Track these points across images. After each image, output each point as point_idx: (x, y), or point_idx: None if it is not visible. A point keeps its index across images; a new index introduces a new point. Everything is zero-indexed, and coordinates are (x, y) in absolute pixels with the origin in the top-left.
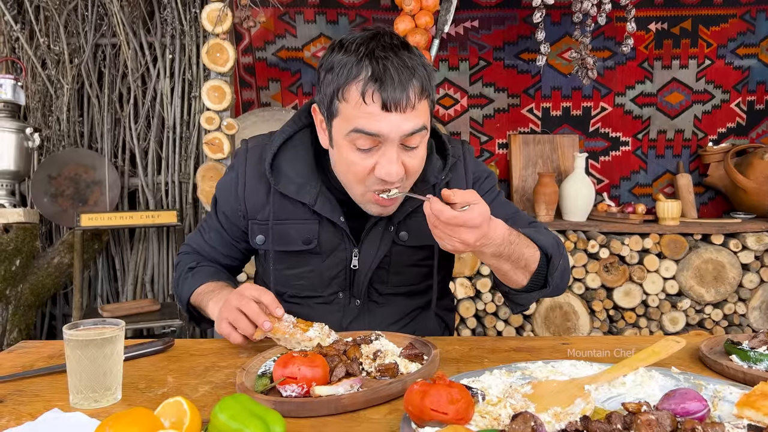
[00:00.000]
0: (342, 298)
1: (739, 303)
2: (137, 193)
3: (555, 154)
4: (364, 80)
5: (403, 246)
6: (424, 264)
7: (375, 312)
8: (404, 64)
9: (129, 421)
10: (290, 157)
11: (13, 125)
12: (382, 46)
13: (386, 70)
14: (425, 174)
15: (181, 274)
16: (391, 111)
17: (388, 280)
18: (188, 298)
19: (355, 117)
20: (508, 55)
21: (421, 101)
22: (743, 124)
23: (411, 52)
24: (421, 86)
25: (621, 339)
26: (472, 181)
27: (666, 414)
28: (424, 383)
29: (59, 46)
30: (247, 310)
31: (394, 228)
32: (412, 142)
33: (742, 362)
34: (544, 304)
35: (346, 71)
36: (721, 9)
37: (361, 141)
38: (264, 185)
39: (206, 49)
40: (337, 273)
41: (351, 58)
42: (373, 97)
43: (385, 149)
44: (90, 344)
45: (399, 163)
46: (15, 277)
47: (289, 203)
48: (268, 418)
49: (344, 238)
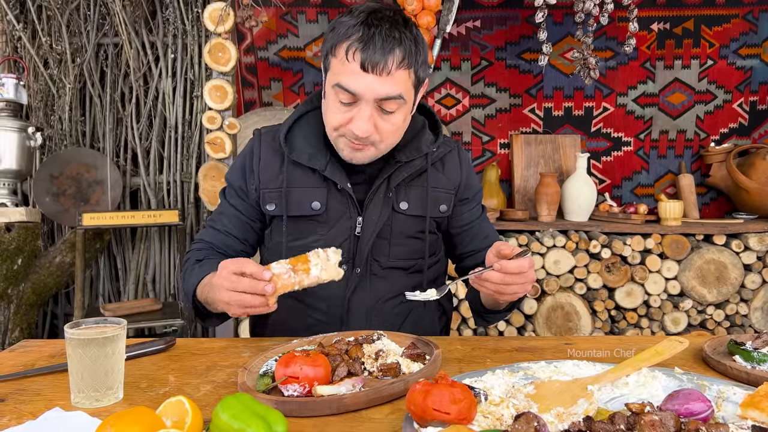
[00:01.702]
0: (345, 271)
1: (741, 304)
2: (139, 192)
3: (557, 154)
4: (352, 40)
5: (403, 215)
6: (422, 237)
7: (375, 284)
8: (392, 34)
9: (130, 421)
10: (303, 132)
11: (15, 124)
12: (380, 16)
13: (373, 35)
14: (419, 144)
15: (188, 268)
16: (368, 72)
17: (389, 252)
18: (193, 290)
19: (339, 72)
20: (510, 55)
21: (400, 70)
22: (745, 124)
23: (407, 28)
24: (403, 56)
25: (623, 339)
26: (466, 181)
27: (669, 414)
28: (426, 383)
29: (61, 46)
30: (241, 286)
31: (392, 193)
32: (387, 106)
33: (745, 363)
34: (546, 304)
35: (342, 31)
36: (723, 9)
37: (341, 95)
38: (278, 158)
39: (208, 48)
40: (342, 242)
41: (351, 21)
42: (354, 56)
43: (361, 106)
44: (91, 343)
45: (371, 122)
46: (17, 276)
47: (301, 171)
48: (270, 418)
49: (350, 205)
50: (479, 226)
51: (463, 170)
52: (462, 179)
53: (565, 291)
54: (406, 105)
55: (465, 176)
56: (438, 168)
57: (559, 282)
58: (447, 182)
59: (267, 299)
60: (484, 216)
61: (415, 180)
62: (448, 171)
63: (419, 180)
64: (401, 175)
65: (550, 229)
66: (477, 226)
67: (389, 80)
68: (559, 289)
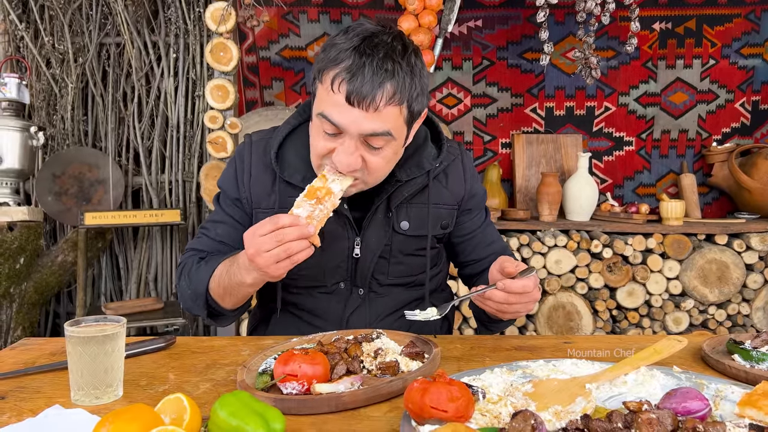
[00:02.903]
0: (344, 288)
1: (742, 303)
2: (141, 191)
3: (558, 154)
4: (340, 69)
5: (404, 235)
6: (422, 254)
7: (375, 302)
8: (384, 65)
9: (129, 418)
10: (295, 147)
11: (17, 124)
12: (376, 42)
13: (363, 65)
14: (420, 161)
15: (191, 270)
16: (354, 106)
17: (388, 270)
18: (206, 285)
19: (324, 101)
20: (512, 54)
21: (389, 106)
22: (747, 124)
23: (404, 57)
24: (394, 91)
25: (623, 338)
26: (470, 192)
27: (667, 413)
28: (424, 381)
29: (64, 45)
30: (288, 237)
31: (392, 214)
32: (374, 143)
33: (744, 362)
34: (547, 304)
35: (333, 55)
36: (725, 8)
37: (325, 125)
38: (269, 175)
39: (210, 48)
40: (338, 263)
41: (343, 45)
42: (339, 87)
43: (345, 139)
44: (91, 341)
45: (356, 157)
46: (19, 275)
47: (294, 191)
48: (268, 415)
49: (347, 226)
50: (482, 234)
51: (467, 180)
52: (466, 191)
53: (567, 291)
54: (396, 141)
55: (469, 187)
56: (441, 181)
57: (560, 281)
58: (450, 197)
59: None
60: (488, 221)
61: (416, 197)
62: (452, 184)
63: (421, 197)
64: (401, 195)
65: (552, 229)
66: (479, 234)
67: (376, 116)
68: (561, 288)
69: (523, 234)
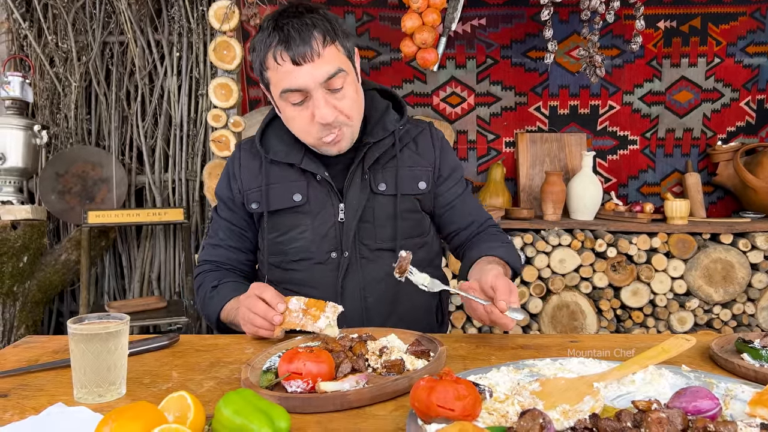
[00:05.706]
0: (335, 258)
1: (748, 303)
2: (144, 190)
3: (562, 153)
4: (274, 47)
5: (383, 196)
6: (408, 218)
7: (367, 268)
8: (303, 23)
9: (132, 416)
10: (275, 131)
11: (21, 122)
12: (285, 15)
13: (289, 32)
14: (384, 123)
15: (206, 294)
16: (301, 64)
17: (375, 234)
18: (217, 317)
19: (278, 80)
20: (516, 53)
21: (327, 48)
22: (753, 122)
23: (313, 13)
24: (323, 35)
25: (629, 337)
26: (442, 158)
27: (677, 412)
28: (430, 379)
29: (67, 44)
30: (257, 309)
31: (368, 176)
32: (334, 85)
33: (753, 361)
34: (551, 303)
35: (262, 45)
36: (730, 7)
37: (291, 97)
38: (257, 161)
39: (213, 46)
40: (327, 230)
41: (263, 34)
42: (282, 57)
43: (313, 98)
44: (94, 338)
45: (330, 107)
46: (23, 273)
47: (279, 168)
48: (272, 414)
49: (330, 193)
50: (462, 203)
51: (437, 147)
52: (436, 155)
53: (571, 290)
54: (350, 76)
55: (439, 152)
56: (411, 148)
57: (564, 281)
58: (422, 160)
59: (274, 327)
60: (467, 192)
61: (390, 161)
62: (422, 149)
63: (394, 161)
64: (373, 156)
65: (556, 228)
66: (459, 204)
67: (322, 62)
68: (565, 288)
69: (527, 233)
